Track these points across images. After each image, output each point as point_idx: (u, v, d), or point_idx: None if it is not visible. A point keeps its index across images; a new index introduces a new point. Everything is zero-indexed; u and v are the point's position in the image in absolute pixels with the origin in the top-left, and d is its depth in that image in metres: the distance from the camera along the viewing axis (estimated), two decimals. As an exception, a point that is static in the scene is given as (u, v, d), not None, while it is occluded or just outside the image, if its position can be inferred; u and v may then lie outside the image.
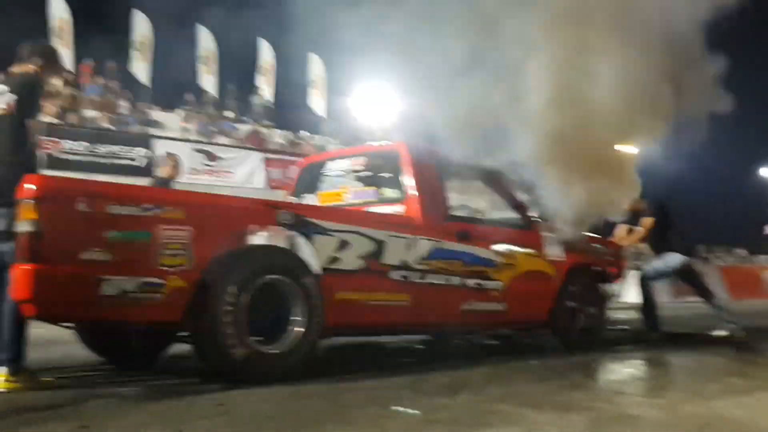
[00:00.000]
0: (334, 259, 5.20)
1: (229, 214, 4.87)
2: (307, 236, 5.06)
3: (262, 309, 4.76)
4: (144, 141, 17.30)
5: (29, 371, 4.47)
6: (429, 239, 5.75)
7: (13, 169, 4.40)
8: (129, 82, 20.24)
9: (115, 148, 16.65)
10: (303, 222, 5.09)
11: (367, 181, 6.43)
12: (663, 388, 4.68)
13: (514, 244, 6.39)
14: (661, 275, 8.38)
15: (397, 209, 5.91)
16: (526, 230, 6.64)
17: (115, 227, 4.25)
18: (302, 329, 4.90)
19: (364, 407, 3.94)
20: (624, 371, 5.84)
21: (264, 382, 4.54)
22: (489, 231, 6.29)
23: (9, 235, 4.33)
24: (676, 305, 11.99)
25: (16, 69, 4.79)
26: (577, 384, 4.97)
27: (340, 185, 6.55)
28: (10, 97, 4.51)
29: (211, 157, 18.32)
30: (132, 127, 18.22)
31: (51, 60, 4.89)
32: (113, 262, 4.21)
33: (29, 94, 4.59)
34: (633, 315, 8.79)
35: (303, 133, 22.54)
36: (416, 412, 3.78)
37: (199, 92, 22.34)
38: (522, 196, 6.79)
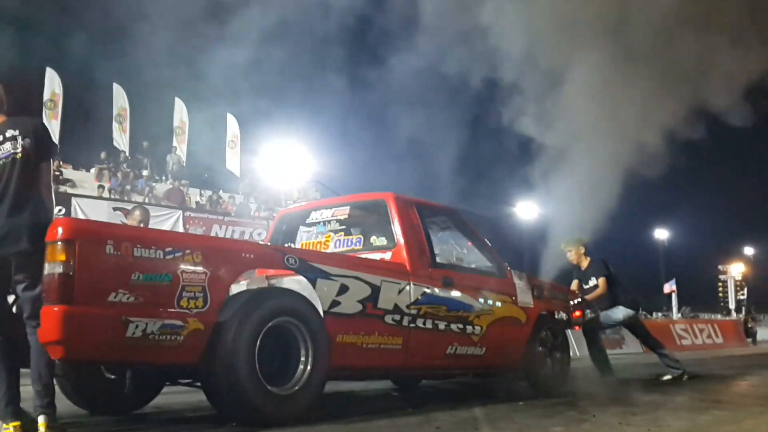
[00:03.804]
0: (335, 303, 5.33)
1: (241, 257, 4.95)
2: (312, 280, 5.18)
3: (269, 351, 4.85)
4: (61, 200, 16.83)
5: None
6: (418, 285, 5.95)
7: (35, 213, 4.34)
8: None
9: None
10: (308, 266, 5.22)
11: (350, 230, 6.59)
12: (693, 408, 4.90)
13: (491, 291, 6.65)
14: (607, 326, 8.87)
15: (384, 256, 6.10)
16: (501, 278, 6.93)
17: (140, 270, 4.29)
18: (310, 370, 5.00)
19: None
20: (628, 404, 5.89)
21: (279, 424, 4.59)
22: (469, 278, 6.56)
23: (33, 283, 4.26)
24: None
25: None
26: (603, 412, 5.21)
27: (323, 234, 6.69)
28: (26, 141, 4.43)
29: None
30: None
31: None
32: (138, 304, 4.23)
33: (45, 137, 4.55)
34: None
35: (222, 192, 22.43)
36: None
37: (113, 150, 22.07)
38: (492, 244, 7.09)
